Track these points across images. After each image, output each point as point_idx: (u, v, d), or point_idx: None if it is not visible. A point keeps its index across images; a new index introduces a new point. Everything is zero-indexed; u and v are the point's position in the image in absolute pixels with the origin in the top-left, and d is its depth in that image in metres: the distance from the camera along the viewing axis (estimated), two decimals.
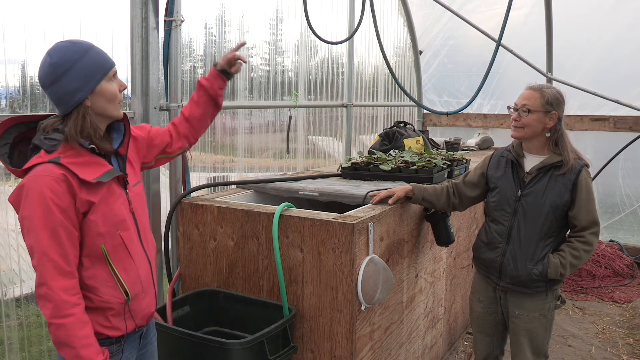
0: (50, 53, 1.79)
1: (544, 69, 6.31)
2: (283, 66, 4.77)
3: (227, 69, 2.43)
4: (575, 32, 6.40)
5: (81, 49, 1.81)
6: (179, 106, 3.26)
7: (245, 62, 2.47)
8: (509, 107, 2.93)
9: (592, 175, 2.84)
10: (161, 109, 3.17)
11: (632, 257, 6.13)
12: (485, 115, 7.16)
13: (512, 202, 2.79)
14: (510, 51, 5.47)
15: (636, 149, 6.27)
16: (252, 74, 4.37)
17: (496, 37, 4.31)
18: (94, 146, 1.82)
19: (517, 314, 2.83)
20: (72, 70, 1.77)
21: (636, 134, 6.23)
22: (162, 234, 3.16)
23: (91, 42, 1.86)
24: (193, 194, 3.20)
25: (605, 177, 6.43)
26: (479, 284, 3.04)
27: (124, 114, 1.96)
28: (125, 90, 1.95)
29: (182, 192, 3.23)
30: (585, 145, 6.57)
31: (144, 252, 1.99)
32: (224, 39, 4.09)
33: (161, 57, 3.18)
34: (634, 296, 5.39)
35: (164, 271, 3.25)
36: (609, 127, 6.41)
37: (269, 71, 4.56)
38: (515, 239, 2.77)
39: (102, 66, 1.83)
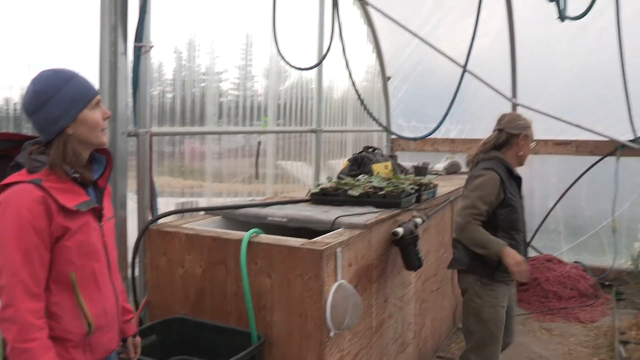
0: (34, 81, 1.84)
1: (509, 94, 6.47)
2: (253, 91, 4.79)
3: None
4: (540, 58, 6.57)
5: (64, 77, 1.85)
6: (147, 132, 3.24)
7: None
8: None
9: (556, 199, 3.26)
10: (129, 135, 3.15)
11: (596, 278, 6.25)
12: (452, 140, 7.28)
13: (522, 212, 3.35)
14: (476, 77, 5.59)
15: (598, 172, 6.45)
16: (221, 99, 4.37)
17: (463, 63, 4.41)
18: (77, 175, 1.84)
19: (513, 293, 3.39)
20: (55, 99, 1.81)
21: (597, 158, 6.42)
22: (129, 261, 3.12)
23: (74, 71, 1.89)
24: (161, 221, 3.17)
25: (568, 200, 6.58)
26: (502, 293, 3.29)
27: (106, 149, 1.99)
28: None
29: (150, 218, 3.20)
30: (550, 169, 6.73)
31: (112, 286, 1.99)
32: (194, 63, 4.10)
33: (130, 83, 3.18)
34: (598, 316, 5.49)
35: (131, 299, 3.20)
36: (571, 151, 6.58)
37: (238, 96, 4.57)
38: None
39: (85, 95, 1.86)
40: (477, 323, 3.29)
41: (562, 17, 3.65)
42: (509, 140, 3.33)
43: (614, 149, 6.29)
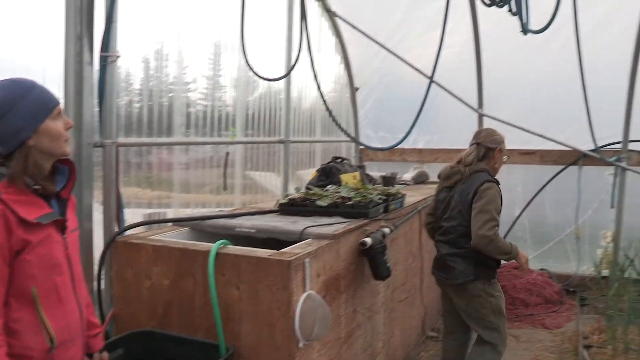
0: None
1: (475, 105, 6.59)
2: (221, 101, 4.77)
3: None
4: (505, 70, 6.70)
5: (24, 88, 1.80)
6: (113, 143, 3.20)
7: None
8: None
9: (522, 207, 3.38)
10: (95, 146, 3.11)
11: (561, 284, 6.38)
12: (420, 150, 7.36)
13: None
14: (443, 88, 5.70)
15: (562, 181, 6.61)
16: (189, 109, 4.35)
17: (430, 74, 4.46)
18: (38, 187, 1.80)
19: None
20: (14, 110, 1.76)
21: (561, 167, 6.57)
22: (95, 273, 3.08)
23: (34, 81, 1.85)
24: (128, 232, 3.14)
25: (534, 208, 6.73)
26: None
27: (69, 160, 1.94)
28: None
29: (116, 230, 3.16)
30: (516, 178, 6.86)
31: (76, 299, 1.94)
32: (162, 73, 4.07)
33: (96, 93, 3.14)
34: (563, 322, 5.60)
35: (97, 312, 3.14)
36: (536, 161, 6.73)
37: (206, 106, 4.55)
38: None
39: (46, 105, 1.82)
40: (500, 317, 3.63)
41: (524, 30, 3.75)
42: (487, 153, 3.70)
43: (576, 158, 6.46)
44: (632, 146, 6.25)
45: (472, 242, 3.47)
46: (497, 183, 3.64)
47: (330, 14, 6.46)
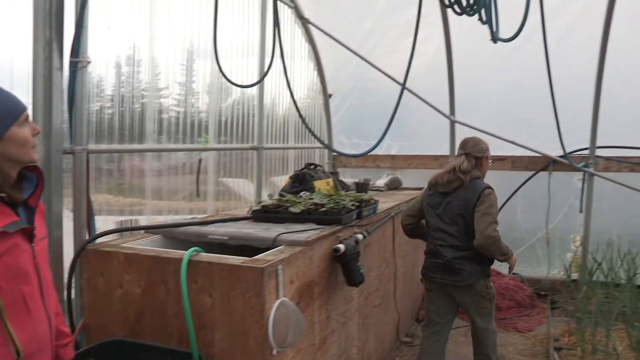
0: None
1: (447, 111, 6.67)
2: (195, 107, 4.75)
3: None
4: (476, 77, 6.79)
5: None
6: (83, 149, 3.16)
7: None
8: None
9: None
10: (65, 152, 3.07)
11: (532, 288, 6.48)
12: (393, 157, 7.40)
13: None
14: (415, 94, 5.75)
15: (532, 186, 6.72)
16: (162, 116, 4.32)
17: (402, 81, 4.51)
18: (3, 195, 1.76)
19: None
20: None
21: (532, 172, 6.69)
22: (65, 282, 3.03)
23: (0, 87, 1.81)
24: (99, 240, 3.09)
25: (505, 214, 6.81)
26: None
27: (37, 166, 1.91)
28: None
29: (87, 238, 3.11)
30: (489, 183, 6.94)
31: (44, 309, 1.90)
32: (135, 78, 4.04)
33: (66, 98, 3.10)
34: (535, 325, 5.69)
35: (67, 322, 3.09)
36: (507, 167, 6.83)
37: (179, 112, 4.52)
38: None
39: (12, 111, 1.78)
40: (493, 302, 3.89)
41: (494, 38, 3.82)
42: (476, 162, 3.92)
43: (546, 164, 6.58)
44: (599, 152, 6.40)
45: (477, 241, 3.65)
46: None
47: (304, 21, 6.48)
